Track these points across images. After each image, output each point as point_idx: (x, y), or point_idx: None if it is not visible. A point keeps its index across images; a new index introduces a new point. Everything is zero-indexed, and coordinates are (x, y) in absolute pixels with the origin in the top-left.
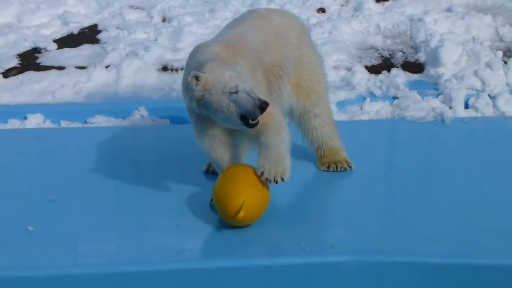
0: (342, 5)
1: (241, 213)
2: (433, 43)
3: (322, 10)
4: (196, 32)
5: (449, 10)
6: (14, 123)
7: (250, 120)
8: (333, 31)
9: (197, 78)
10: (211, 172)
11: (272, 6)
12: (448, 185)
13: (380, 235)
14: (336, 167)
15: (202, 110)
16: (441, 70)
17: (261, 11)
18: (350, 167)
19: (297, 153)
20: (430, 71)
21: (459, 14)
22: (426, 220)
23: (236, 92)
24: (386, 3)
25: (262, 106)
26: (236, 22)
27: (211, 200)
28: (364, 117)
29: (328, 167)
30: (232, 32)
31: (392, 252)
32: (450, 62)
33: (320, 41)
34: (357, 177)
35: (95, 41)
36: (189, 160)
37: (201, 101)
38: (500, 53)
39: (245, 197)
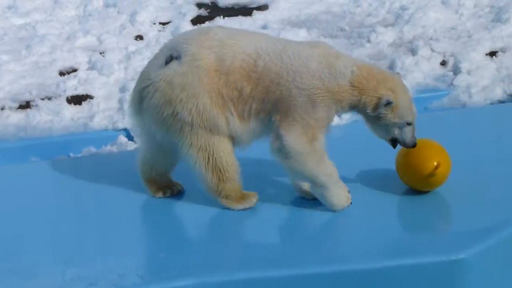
0: (160, 31)
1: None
2: None
3: (140, 37)
4: (14, 70)
5: (264, 27)
6: None
7: (397, 145)
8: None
9: (388, 103)
10: None
11: (89, 37)
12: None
13: (219, 256)
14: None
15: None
16: None
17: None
18: None
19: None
20: None
21: (275, 30)
22: (266, 234)
23: (409, 124)
24: (202, 25)
25: (415, 145)
26: (244, 31)
27: None
28: None
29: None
30: (270, 37)
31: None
32: None
33: (140, 68)
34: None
35: None
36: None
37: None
38: None
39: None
